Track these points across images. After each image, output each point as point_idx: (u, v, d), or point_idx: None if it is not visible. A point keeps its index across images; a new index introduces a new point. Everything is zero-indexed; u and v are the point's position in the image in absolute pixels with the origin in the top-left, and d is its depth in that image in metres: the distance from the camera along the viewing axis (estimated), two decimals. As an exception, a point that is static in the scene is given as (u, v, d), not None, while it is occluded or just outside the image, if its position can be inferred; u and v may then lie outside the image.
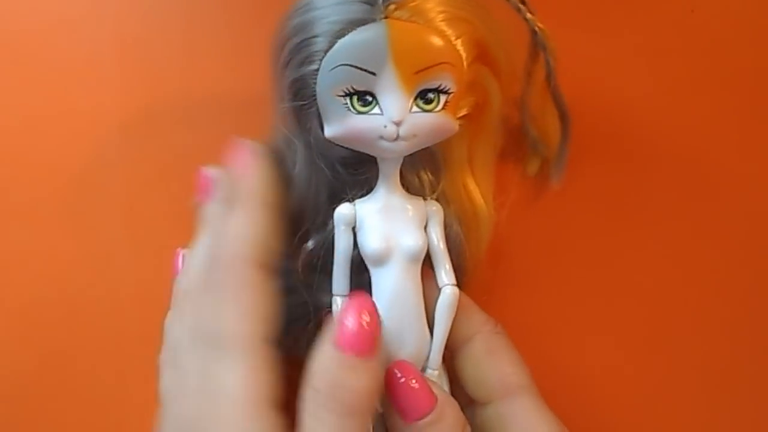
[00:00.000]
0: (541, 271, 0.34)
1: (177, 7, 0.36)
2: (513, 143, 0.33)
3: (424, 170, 0.29)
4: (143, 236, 0.33)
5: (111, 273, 0.33)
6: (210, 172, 0.28)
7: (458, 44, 0.25)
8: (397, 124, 0.25)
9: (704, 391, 0.33)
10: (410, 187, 0.29)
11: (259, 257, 0.25)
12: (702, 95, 0.36)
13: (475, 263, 0.31)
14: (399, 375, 0.25)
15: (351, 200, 0.28)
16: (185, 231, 0.32)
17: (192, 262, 0.27)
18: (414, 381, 0.25)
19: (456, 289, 0.27)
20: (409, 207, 0.27)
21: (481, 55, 0.27)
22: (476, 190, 0.30)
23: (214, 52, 0.36)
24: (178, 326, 0.26)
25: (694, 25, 0.37)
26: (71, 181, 0.34)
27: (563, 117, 0.31)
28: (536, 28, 0.26)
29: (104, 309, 0.33)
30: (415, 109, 0.25)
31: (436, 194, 0.29)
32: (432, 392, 0.25)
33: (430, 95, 0.25)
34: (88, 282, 0.33)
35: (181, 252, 0.29)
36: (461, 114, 0.27)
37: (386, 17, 0.24)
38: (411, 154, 0.27)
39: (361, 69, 0.24)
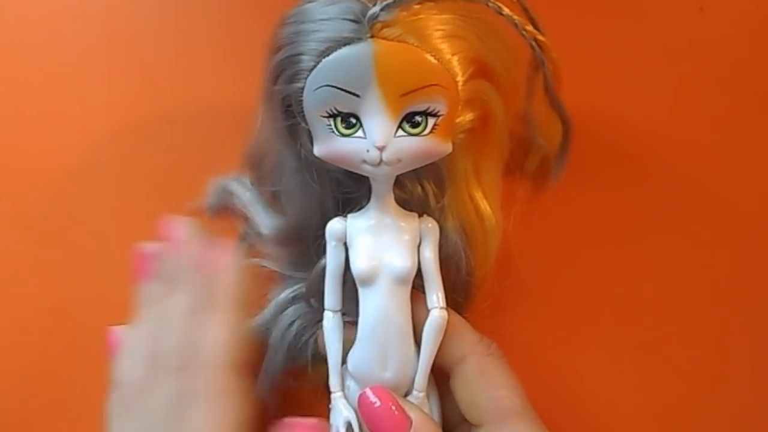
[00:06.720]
0: (547, 281, 0.33)
1: (168, 7, 0.36)
2: (519, 155, 0.32)
3: (427, 181, 0.29)
4: (134, 238, 0.33)
5: (101, 275, 0.33)
6: (148, 248, 0.28)
7: (453, 61, 0.24)
8: (380, 149, 0.24)
9: (718, 408, 0.31)
10: (413, 196, 0.28)
11: (235, 361, 0.25)
12: (710, 95, 0.34)
13: (484, 274, 0.30)
14: (372, 399, 0.25)
15: (344, 215, 0.27)
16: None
17: (137, 351, 0.26)
18: (386, 405, 0.25)
19: (444, 313, 0.26)
20: (402, 225, 0.27)
21: (481, 70, 0.25)
22: (483, 201, 0.29)
23: (205, 53, 0.35)
24: (131, 424, 0.26)
25: (704, 24, 0.35)
26: (60, 182, 0.34)
27: (564, 124, 0.30)
28: (533, 43, 0.24)
29: (95, 311, 0.33)
30: (400, 133, 0.24)
31: (440, 204, 0.29)
32: (405, 415, 0.25)
33: (418, 118, 0.24)
34: (77, 285, 0.34)
35: (117, 330, 0.28)
36: (464, 129, 0.26)
37: (372, 36, 0.23)
38: None
39: (344, 90, 0.23)
